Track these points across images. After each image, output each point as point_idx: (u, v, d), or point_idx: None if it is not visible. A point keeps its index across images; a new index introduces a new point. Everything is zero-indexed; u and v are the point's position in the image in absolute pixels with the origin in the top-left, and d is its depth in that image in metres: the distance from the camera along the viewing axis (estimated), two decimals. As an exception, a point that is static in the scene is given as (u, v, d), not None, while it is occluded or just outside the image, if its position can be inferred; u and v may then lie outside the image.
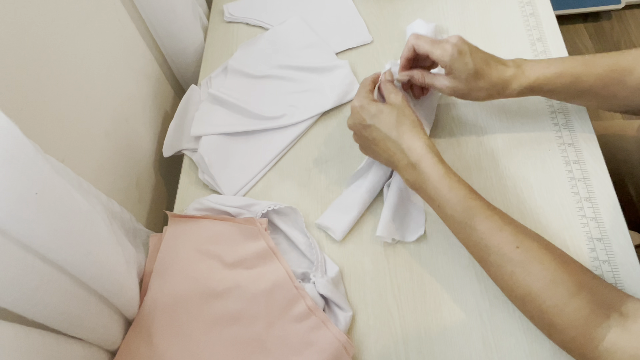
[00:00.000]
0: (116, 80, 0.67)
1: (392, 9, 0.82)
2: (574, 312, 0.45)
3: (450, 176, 0.52)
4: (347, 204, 0.63)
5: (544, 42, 0.73)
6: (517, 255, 0.47)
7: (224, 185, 0.67)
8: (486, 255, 0.50)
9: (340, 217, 0.62)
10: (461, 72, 0.56)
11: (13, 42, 0.47)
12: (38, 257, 0.39)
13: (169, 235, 0.61)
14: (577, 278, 0.46)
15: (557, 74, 0.56)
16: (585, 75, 0.56)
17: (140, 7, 0.74)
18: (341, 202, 0.64)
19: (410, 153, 0.54)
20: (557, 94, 0.59)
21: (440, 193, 0.52)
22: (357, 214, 0.62)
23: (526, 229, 0.50)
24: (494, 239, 0.49)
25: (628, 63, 0.55)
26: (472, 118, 0.69)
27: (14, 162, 0.35)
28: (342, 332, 0.54)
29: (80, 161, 0.56)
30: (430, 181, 0.53)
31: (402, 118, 0.56)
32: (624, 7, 1.61)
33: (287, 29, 0.82)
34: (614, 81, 0.55)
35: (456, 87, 0.58)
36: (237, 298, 0.56)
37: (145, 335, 0.55)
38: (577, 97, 0.59)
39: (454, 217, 0.52)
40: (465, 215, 0.50)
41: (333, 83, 0.74)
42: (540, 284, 0.46)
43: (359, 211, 0.62)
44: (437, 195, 0.52)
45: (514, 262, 0.48)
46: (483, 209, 0.50)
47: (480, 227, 0.50)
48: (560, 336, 0.46)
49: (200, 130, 0.70)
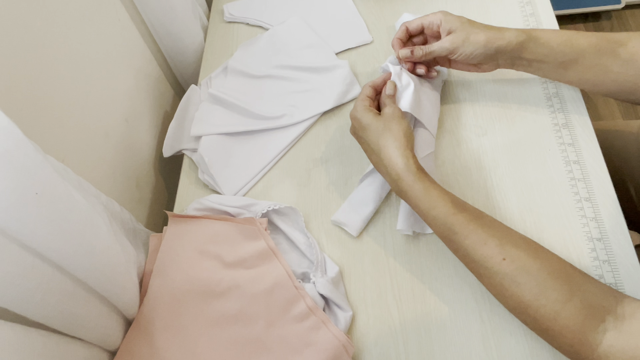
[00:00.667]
0: (116, 80, 0.67)
1: (392, 9, 0.82)
2: (568, 319, 0.44)
3: (430, 192, 0.52)
4: (362, 199, 0.63)
5: (544, 42, 0.73)
6: (504, 267, 0.47)
7: (224, 185, 0.67)
8: (475, 268, 0.50)
9: (355, 213, 0.62)
10: (455, 21, 0.59)
11: (13, 42, 0.47)
12: (38, 257, 0.39)
13: (169, 235, 0.61)
14: (569, 283, 0.46)
15: (552, 31, 0.59)
16: (579, 38, 0.57)
17: (140, 7, 0.74)
18: (356, 198, 0.64)
19: (390, 170, 0.54)
20: (551, 55, 0.58)
21: (422, 211, 0.53)
22: (372, 209, 0.62)
23: (513, 237, 0.50)
24: (479, 253, 0.49)
25: (621, 37, 0.56)
26: (472, 118, 0.69)
27: (14, 162, 0.35)
28: (342, 332, 0.54)
29: (80, 161, 0.56)
30: (411, 199, 0.53)
31: (386, 133, 0.56)
32: (624, 7, 1.61)
33: (287, 29, 0.82)
34: (606, 50, 0.56)
35: (454, 40, 0.59)
36: (237, 298, 0.56)
37: (145, 335, 0.55)
38: (571, 65, 0.58)
39: (439, 233, 0.52)
40: (449, 232, 0.51)
41: (333, 83, 0.74)
42: (530, 293, 0.46)
43: (375, 206, 0.62)
44: (420, 213, 0.53)
45: (502, 275, 0.47)
46: (465, 224, 0.50)
47: (464, 242, 0.50)
48: (557, 342, 0.46)
49: (200, 130, 0.70)
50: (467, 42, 0.59)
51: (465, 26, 0.59)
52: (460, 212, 0.50)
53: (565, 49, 0.57)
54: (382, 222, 0.63)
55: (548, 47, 0.58)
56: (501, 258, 0.48)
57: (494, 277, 0.48)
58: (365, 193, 0.63)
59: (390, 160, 0.54)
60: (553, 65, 0.59)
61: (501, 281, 0.48)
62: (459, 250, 0.51)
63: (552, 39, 0.58)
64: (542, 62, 0.59)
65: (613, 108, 1.50)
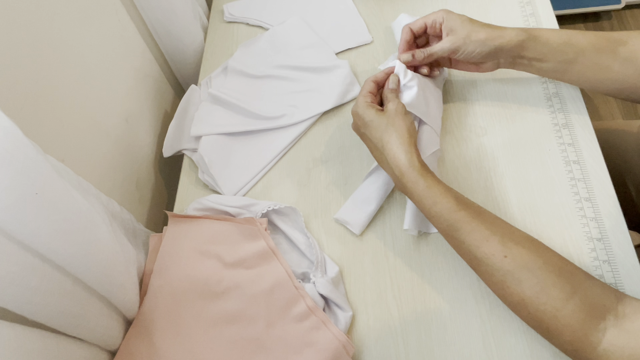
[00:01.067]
0: (116, 80, 0.67)
1: (392, 9, 0.82)
2: (569, 317, 0.44)
3: (433, 189, 0.52)
4: (365, 198, 0.63)
5: (544, 42, 0.73)
6: (506, 264, 0.47)
7: (224, 185, 0.67)
8: (477, 265, 0.50)
9: (359, 211, 0.62)
10: (456, 20, 0.59)
11: (13, 42, 0.47)
12: (38, 257, 0.39)
13: (169, 235, 0.61)
14: (570, 281, 0.46)
15: (553, 30, 0.59)
16: (579, 37, 0.57)
17: (140, 7, 0.74)
18: (360, 195, 0.63)
19: (394, 167, 0.54)
20: (551, 54, 0.58)
21: (424, 207, 0.53)
22: (375, 207, 0.62)
23: (515, 234, 0.50)
24: (482, 250, 0.49)
25: (621, 36, 0.57)
26: (472, 118, 0.69)
27: (14, 162, 0.35)
28: (342, 332, 0.54)
29: (80, 161, 0.56)
30: (415, 196, 0.53)
31: (389, 130, 0.55)
32: (624, 7, 1.61)
33: (287, 29, 0.82)
34: (606, 49, 0.56)
35: (454, 41, 0.59)
36: (237, 298, 0.56)
37: (145, 335, 0.55)
38: (571, 63, 0.58)
39: (441, 229, 0.52)
40: (451, 228, 0.51)
41: (333, 83, 0.74)
42: (531, 291, 0.46)
43: (377, 204, 0.62)
44: (423, 209, 0.53)
45: (503, 272, 0.47)
46: (468, 221, 0.50)
47: (467, 239, 0.50)
48: (557, 340, 0.46)
49: (200, 130, 0.70)
50: (468, 40, 0.59)
51: (466, 24, 0.59)
52: (463, 209, 0.51)
53: (565, 48, 0.57)
54: (382, 222, 0.63)
55: (548, 45, 0.58)
56: (503, 255, 0.48)
57: (496, 274, 0.48)
58: (369, 191, 0.63)
59: (394, 157, 0.54)
60: (553, 64, 0.59)
61: (502, 278, 0.48)
62: (461, 247, 0.51)
63: (552, 38, 0.58)
64: (542, 60, 0.59)
65: (613, 108, 1.50)
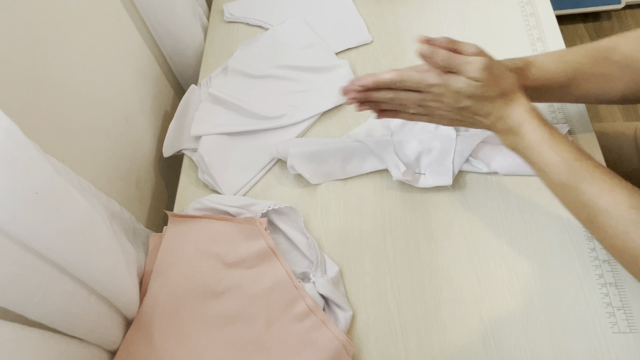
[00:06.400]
0: (116, 80, 0.67)
1: (392, 9, 0.83)
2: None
3: (555, 138, 0.50)
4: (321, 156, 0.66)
5: (544, 42, 0.73)
6: (632, 215, 0.46)
7: (224, 185, 0.67)
8: (594, 217, 0.48)
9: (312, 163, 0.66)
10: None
11: (13, 42, 0.47)
12: (38, 257, 0.39)
13: (169, 235, 0.61)
14: None
15: (542, 55, 0.58)
16: (569, 54, 0.57)
17: (140, 7, 0.74)
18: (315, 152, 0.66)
19: (510, 117, 0.52)
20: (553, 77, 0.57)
21: (543, 157, 0.50)
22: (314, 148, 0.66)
23: (637, 190, 0.48)
24: (604, 200, 0.47)
25: (608, 42, 0.57)
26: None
27: (14, 162, 0.35)
28: (342, 331, 0.54)
29: (80, 161, 0.56)
30: (533, 146, 0.51)
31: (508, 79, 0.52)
32: (624, 7, 1.61)
33: (287, 29, 0.82)
34: (599, 59, 0.56)
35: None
36: (237, 298, 0.56)
37: (145, 335, 0.55)
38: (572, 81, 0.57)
39: (560, 179, 0.50)
40: (572, 177, 0.49)
41: (333, 83, 0.74)
42: None
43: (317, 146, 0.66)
44: (541, 159, 0.51)
45: (627, 222, 0.46)
46: (592, 170, 0.48)
47: (589, 189, 0.48)
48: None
49: (200, 130, 0.70)
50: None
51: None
52: (586, 159, 0.49)
53: (561, 66, 0.57)
54: (383, 222, 0.63)
55: (546, 69, 0.57)
56: (628, 206, 0.46)
57: (618, 225, 0.46)
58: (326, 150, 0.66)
59: (512, 107, 0.52)
60: (557, 86, 0.58)
61: (626, 229, 0.46)
62: (579, 198, 0.49)
63: (546, 61, 0.57)
64: (546, 85, 0.58)
65: (613, 109, 1.50)
